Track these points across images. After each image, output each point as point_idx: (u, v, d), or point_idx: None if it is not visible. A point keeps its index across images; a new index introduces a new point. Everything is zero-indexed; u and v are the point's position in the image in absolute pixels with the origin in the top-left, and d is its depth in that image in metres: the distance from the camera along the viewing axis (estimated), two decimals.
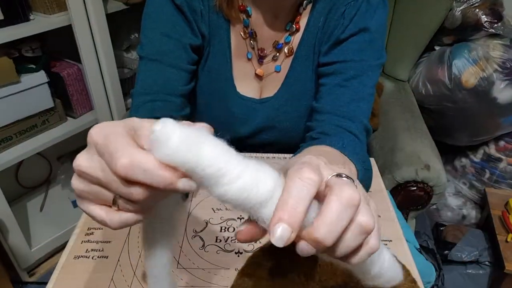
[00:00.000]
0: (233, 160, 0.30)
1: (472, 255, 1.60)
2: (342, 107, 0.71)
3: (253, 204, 0.30)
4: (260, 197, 0.30)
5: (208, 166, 0.29)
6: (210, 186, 0.30)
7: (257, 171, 0.31)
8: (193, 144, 0.29)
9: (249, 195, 0.30)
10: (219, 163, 0.29)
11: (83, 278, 0.58)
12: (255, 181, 0.30)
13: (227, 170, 0.29)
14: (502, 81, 1.52)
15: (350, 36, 0.73)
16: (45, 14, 1.30)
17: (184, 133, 0.28)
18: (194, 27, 0.74)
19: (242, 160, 0.30)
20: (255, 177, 0.30)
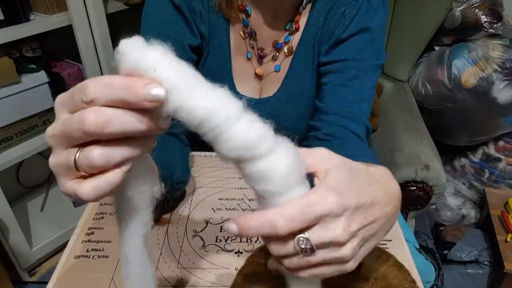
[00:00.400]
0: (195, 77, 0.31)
1: (471, 255, 1.60)
2: (347, 108, 0.71)
3: (215, 125, 0.30)
4: (220, 118, 0.30)
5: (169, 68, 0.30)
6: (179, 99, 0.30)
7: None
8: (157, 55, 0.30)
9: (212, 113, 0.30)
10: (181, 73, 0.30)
11: (84, 278, 0.58)
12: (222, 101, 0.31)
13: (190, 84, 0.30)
14: (502, 81, 1.52)
15: (351, 35, 0.73)
16: (45, 14, 1.30)
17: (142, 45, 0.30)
18: (193, 28, 0.74)
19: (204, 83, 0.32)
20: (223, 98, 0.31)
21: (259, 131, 0.33)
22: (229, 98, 0.32)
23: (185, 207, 0.72)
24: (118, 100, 0.28)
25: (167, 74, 0.29)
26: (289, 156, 0.34)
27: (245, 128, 0.31)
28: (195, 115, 0.30)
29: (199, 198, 0.73)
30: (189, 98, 0.30)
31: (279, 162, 0.33)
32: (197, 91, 0.30)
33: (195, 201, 0.73)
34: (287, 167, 0.33)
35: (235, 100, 0.32)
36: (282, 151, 0.34)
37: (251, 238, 0.65)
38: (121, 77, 0.29)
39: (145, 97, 0.28)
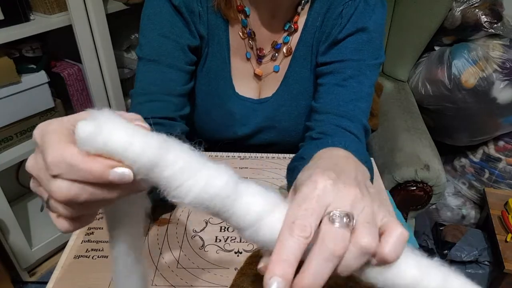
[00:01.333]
0: (164, 147, 0.30)
1: (471, 255, 1.60)
2: (341, 107, 0.71)
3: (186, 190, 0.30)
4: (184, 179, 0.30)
5: (138, 154, 0.28)
6: (145, 175, 0.29)
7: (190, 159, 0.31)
8: (120, 132, 0.28)
9: (182, 183, 0.30)
10: (149, 150, 0.29)
11: (83, 277, 0.58)
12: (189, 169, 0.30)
13: (159, 158, 0.29)
14: (502, 81, 1.52)
15: (347, 35, 0.73)
16: (45, 14, 1.30)
17: (106, 124, 0.29)
18: (192, 28, 0.74)
19: (176, 150, 0.30)
20: (189, 165, 0.30)
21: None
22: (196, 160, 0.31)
23: (184, 207, 0.72)
24: (83, 180, 0.29)
25: (137, 151, 0.29)
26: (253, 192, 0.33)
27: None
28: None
29: None
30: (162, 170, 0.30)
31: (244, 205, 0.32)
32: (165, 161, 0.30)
33: None
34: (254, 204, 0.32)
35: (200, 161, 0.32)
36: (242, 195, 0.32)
37: None
38: (83, 160, 0.29)
39: (110, 179, 0.29)
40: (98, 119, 0.29)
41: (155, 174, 0.29)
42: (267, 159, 0.84)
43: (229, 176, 0.32)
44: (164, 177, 0.29)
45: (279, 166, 0.82)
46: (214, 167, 0.32)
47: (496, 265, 1.54)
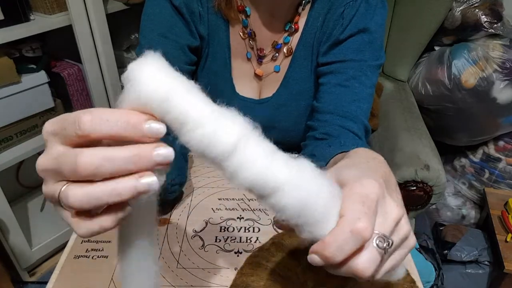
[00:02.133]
0: (200, 106, 0.29)
1: (471, 254, 1.60)
2: (344, 107, 0.71)
3: (214, 155, 0.29)
4: (219, 148, 0.29)
5: (172, 107, 0.28)
6: (176, 131, 0.29)
7: (223, 120, 0.30)
8: (163, 84, 0.28)
9: (209, 145, 0.29)
10: (184, 107, 0.28)
11: (83, 277, 0.59)
12: (217, 130, 0.29)
13: (189, 116, 0.28)
14: (502, 81, 1.52)
15: (349, 36, 0.73)
16: (45, 14, 1.30)
17: (156, 72, 0.28)
18: (193, 29, 0.74)
19: (212, 108, 0.30)
20: (217, 126, 0.30)
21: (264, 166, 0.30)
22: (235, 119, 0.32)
23: (184, 207, 0.72)
24: (116, 136, 0.28)
25: (179, 106, 0.29)
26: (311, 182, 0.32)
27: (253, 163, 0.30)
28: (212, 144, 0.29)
29: (198, 198, 0.74)
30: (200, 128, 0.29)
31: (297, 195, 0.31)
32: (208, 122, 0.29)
33: (194, 201, 0.73)
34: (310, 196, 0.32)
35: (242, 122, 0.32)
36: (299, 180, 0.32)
37: (250, 238, 0.66)
38: (120, 113, 0.28)
39: (145, 133, 0.28)
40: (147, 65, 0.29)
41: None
42: None
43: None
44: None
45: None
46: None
47: (496, 265, 1.54)
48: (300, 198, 0.31)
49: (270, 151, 0.32)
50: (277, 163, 0.31)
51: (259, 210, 0.71)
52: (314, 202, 0.31)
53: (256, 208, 0.71)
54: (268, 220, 0.69)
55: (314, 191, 0.32)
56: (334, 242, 0.31)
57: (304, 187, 0.31)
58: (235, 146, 0.30)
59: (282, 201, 0.31)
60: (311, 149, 0.70)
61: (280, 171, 0.31)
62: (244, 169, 0.30)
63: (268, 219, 0.69)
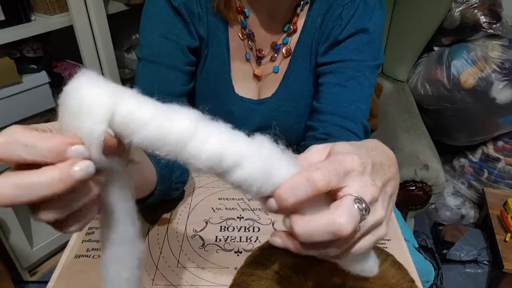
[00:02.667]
0: (145, 105, 0.30)
1: (470, 254, 1.60)
2: (344, 108, 0.72)
3: (171, 146, 0.30)
4: (174, 136, 0.29)
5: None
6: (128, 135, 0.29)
7: (171, 112, 0.30)
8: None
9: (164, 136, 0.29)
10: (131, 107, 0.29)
11: (84, 277, 0.59)
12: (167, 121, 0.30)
13: (136, 116, 0.29)
14: (501, 81, 1.53)
15: (348, 37, 0.74)
16: (46, 15, 1.31)
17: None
18: (192, 30, 0.74)
19: (156, 105, 0.30)
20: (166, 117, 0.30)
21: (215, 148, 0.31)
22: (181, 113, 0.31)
23: (185, 207, 0.72)
24: (41, 160, 0.27)
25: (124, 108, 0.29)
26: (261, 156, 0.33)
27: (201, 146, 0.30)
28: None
29: (199, 198, 0.74)
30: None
31: (249, 167, 0.31)
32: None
33: (195, 201, 0.73)
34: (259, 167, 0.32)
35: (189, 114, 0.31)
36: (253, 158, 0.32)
37: (250, 238, 0.66)
38: (39, 137, 0.27)
39: (69, 155, 0.27)
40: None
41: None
42: None
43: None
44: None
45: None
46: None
47: (495, 264, 1.54)
48: (259, 170, 0.31)
49: (225, 130, 0.32)
50: (235, 139, 0.32)
51: (259, 210, 0.71)
52: (275, 169, 0.32)
53: (256, 208, 0.72)
54: (268, 220, 0.69)
55: (274, 162, 0.32)
56: (287, 184, 0.31)
57: (263, 159, 0.32)
58: (189, 130, 0.30)
59: (242, 175, 0.31)
60: None
61: (238, 146, 0.31)
62: (202, 149, 0.30)
63: (268, 218, 0.70)
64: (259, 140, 0.34)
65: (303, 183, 0.31)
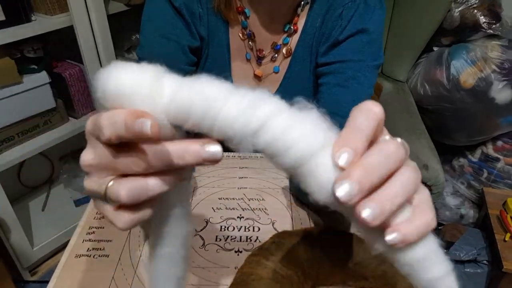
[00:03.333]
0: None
1: (470, 254, 1.60)
2: (344, 108, 0.72)
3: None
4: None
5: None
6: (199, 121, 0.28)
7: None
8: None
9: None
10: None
11: (84, 277, 0.59)
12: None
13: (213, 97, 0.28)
14: (500, 81, 1.53)
15: (348, 37, 0.74)
16: (46, 15, 1.31)
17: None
18: (193, 30, 0.74)
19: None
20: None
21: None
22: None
23: None
24: (129, 135, 0.27)
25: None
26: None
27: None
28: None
29: (199, 197, 0.74)
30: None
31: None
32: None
33: (195, 201, 0.73)
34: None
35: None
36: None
37: (250, 238, 0.66)
38: (123, 112, 0.27)
39: (136, 129, 0.26)
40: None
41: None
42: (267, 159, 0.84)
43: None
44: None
45: None
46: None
47: (494, 264, 1.55)
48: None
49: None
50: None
51: (259, 209, 0.72)
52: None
53: (256, 208, 0.72)
54: (268, 219, 0.70)
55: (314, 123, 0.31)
56: (350, 130, 0.30)
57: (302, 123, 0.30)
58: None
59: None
60: None
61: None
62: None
63: (268, 218, 0.70)
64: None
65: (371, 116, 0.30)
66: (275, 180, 0.79)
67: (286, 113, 0.30)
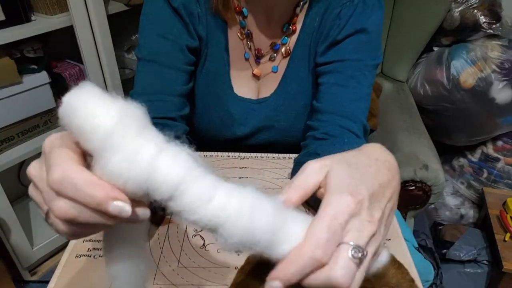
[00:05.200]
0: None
1: (470, 254, 1.60)
2: (344, 107, 0.72)
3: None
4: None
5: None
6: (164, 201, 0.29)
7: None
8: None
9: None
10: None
11: (85, 277, 0.59)
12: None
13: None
14: (500, 81, 1.53)
15: (346, 36, 0.74)
16: (46, 15, 1.31)
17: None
18: (191, 30, 0.74)
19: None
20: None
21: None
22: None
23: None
24: (84, 203, 0.29)
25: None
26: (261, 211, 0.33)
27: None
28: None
29: None
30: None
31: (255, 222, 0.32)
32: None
33: None
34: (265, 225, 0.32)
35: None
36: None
37: None
38: (88, 183, 0.28)
39: (110, 211, 0.28)
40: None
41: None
42: (267, 159, 0.84)
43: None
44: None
45: (279, 166, 0.82)
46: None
47: (494, 264, 1.55)
48: (243, 230, 0.32)
49: (212, 185, 0.32)
50: (218, 198, 0.32)
51: None
52: (260, 231, 0.32)
53: None
54: None
55: (257, 221, 0.32)
56: (290, 266, 0.32)
57: (245, 220, 0.32)
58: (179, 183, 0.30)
59: (226, 236, 0.32)
60: (313, 148, 0.70)
61: (221, 205, 0.32)
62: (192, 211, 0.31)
63: None
64: (242, 192, 0.34)
65: (308, 262, 0.32)
66: (275, 180, 0.79)
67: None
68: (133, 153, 0.28)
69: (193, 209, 0.30)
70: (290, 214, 0.34)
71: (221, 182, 0.32)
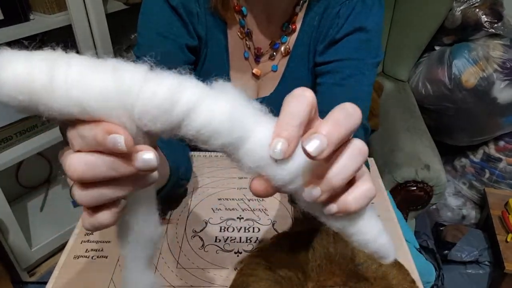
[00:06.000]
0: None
1: (471, 255, 1.60)
2: None
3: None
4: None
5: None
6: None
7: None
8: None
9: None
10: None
11: (83, 278, 0.58)
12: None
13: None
14: (502, 81, 1.52)
15: (345, 35, 0.73)
16: (45, 14, 1.30)
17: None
18: (191, 29, 0.74)
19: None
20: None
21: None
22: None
23: (184, 207, 0.72)
24: (91, 148, 0.28)
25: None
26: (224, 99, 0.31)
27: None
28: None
29: (198, 198, 0.73)
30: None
31: (215, 111, 0.30)
32: None
33: (194, 201, 0.73)
34: (226, 112, 0.30)
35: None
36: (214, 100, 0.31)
37: (250, 238, 0.65)
38: (89, 126, 0.28)
39: (108, 144, 0.27)
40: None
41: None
42: None
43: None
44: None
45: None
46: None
47: (496, 265, 1.54)
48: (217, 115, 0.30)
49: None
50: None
51: (259, 210, 0.71)
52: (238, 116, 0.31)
53: (256, 208, 0.71)
54: (268, 220, 0.69)
55: (236, 107, 0.31)
56: (282, 121, 0.33)
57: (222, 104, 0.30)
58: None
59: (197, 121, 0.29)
60: None
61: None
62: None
63: (268, 219, 0.69)
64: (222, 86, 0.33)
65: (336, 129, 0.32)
66: None
67: (211, 96, 0.31)
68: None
69: None
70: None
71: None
